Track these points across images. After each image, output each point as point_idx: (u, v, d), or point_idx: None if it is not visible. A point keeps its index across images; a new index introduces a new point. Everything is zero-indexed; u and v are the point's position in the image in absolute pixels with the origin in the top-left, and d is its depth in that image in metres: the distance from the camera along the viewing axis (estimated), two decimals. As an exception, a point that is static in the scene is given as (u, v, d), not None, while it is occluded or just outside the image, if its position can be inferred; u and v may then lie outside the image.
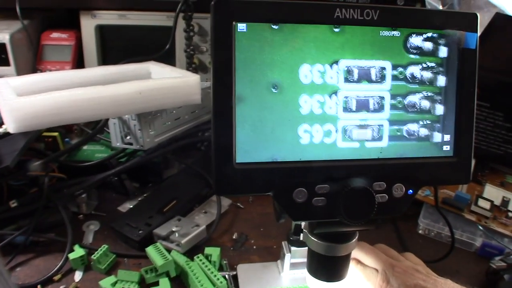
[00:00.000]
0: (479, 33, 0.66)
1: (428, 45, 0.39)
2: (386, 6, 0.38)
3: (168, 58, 0.90)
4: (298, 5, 0.36)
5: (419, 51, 0.39)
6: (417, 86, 0.40)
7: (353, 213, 0.38)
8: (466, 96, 0.41)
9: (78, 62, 0.94)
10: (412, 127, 0.40)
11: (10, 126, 0.56)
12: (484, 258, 0.63)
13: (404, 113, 0.40)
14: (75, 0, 0.89)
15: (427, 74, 0.40)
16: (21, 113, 0.56)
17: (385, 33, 0.38)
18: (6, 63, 0.84)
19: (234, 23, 0.35)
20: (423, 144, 0.41)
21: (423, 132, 0.41)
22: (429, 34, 0.39)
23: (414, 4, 0.89)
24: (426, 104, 0.40)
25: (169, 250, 0.58)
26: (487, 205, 0.68)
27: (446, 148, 0.41)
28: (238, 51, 0.36)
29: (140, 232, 0.61)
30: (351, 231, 0.42)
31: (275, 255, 0.60)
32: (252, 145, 0.37)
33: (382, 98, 0.39)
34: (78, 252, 0.57)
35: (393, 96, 0.39)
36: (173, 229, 0.61)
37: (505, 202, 0.69)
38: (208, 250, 0.59)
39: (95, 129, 0.71)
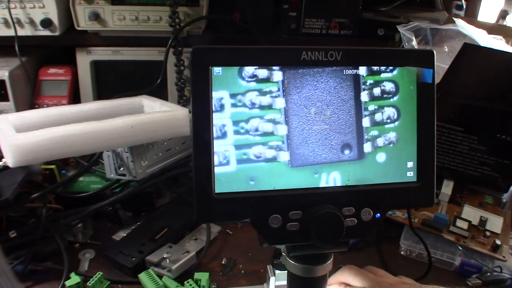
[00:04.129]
0: (450, 61, 0.71)
1: (388, 85, 0.43)
2: (349, 48, 0.42)
3: (160, 91, 0.94)
4: (269, 50, 0.41)
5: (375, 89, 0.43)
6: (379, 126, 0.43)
7: (323, 236, 0.41)
8: (426, 126, 0.44)
9: (74, 96, 0.98)
10: (381, 157, 0.44)
11: (9, 161, 0.60)
12: (463, 277, 0.66)
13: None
14: (72, 38, 0.93)
15: (390, 111, 0.44)
16: (20, 148, 0.60)
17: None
18: (5, 98, 0.89)
19: (210, 67, 0.39)
20: (389, 170, 0.44)
21: (390, 159, 0.44)
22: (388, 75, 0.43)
23: (393, 36, 0.94)
24: (392, 136, 0.44)
25: (160, 276, 0.61)
26: (464, 225, 0.71)
27: (410, 174, 0.45)
28: (215, 91, 0.40)
29: (133, 259, 0.64)
30: (324, 253, 0.45)
31: (262, 279, 0.63)
32: (229, 176, 0.41)
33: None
34: (74, 279, 0.60)
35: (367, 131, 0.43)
36: (164, 256, 0.64)
37: (482, 222, 0.72)
38: (197, 275, 0.61)
39: (90, 161, 0.75)
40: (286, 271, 0.55)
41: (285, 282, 0.57)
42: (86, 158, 0.82)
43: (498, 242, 0.68)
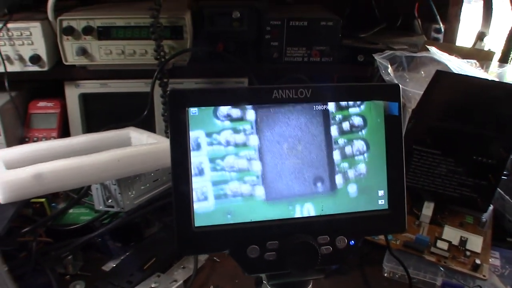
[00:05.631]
0: (424, 88, 0.74)
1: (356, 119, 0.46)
2: (317, 85, 0.45)
3: (148, 122, 0.97)
4: (242, 90, 0.43)
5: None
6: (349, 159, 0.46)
7: (299, 265, 0.43)
8: (395, 156, 0.47)
9: (63, 128, 1.00)
10: (352, 188, 0.46)
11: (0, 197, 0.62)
12: (444, 297, 0.68)
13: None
14: (60, 72, 0.96)
15: (359, 144, 0.46)
16: (10, 185, 0.61)
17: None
18: (-4, 133, 0.91)
19: (187, 108, 0.42)
20: (360, 200, 0.46)
21: (361, 190, 0.46)
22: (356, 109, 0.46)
23: (373, 62, 0.98)
24: (362, 168, 0.46)
25: (148, 306, 0.62)
26: (445, 245, 0.73)
27: (381, 202, 0.47)
28: (192, 131, 0.42)
29: (121, 290, 0.65)
30: (302, 280, 0.47)
31: (249, 305, 0.64)
32: (208, 211, 0.43)
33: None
34: (64, 312, 0.61)
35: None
36: (152, 286, 0.65)
37: (462, 242, 0.74)
38: (185, 304, 0.63)
39: (79, 194, 0.76)
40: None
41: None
42: (75, 191, 0.83)
43: (478, 261, 0.70)
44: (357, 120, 0.46)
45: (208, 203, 0.43)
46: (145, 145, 0.73)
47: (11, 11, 0.91)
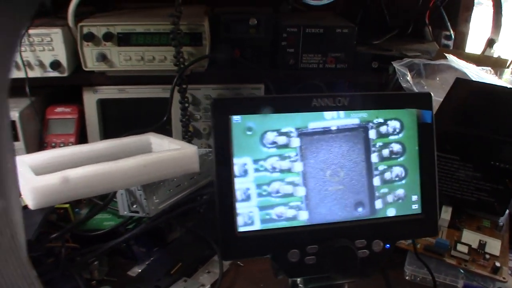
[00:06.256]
0: (442, 93, 0.75)
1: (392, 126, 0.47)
2: (354, 94, 0.46)
3: (164, 127, 0.98)
4: (283, 98, 0.45)
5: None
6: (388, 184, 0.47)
7: (338, 268, 0.45)
8: (427, 162, 0.48)
9: (81, 134, 1.01)
10: (391, 212, 0.48)
11: (30, 203, 0.63)
12: (466, 299, 0.69)
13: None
14: (79, 78, 0.97)
15: (396, 147, 0.47)
16: (40, 191, 0.62)
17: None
18: (16, 138, 0.92)
19: (230, 116, 0.43)
20: (395, 204, 0.48)
21: (398, 195, 0.48)
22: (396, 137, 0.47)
23: (387, 68, 0.99)
24: (401, 193, 0.48)
25: (178, 310, 0.63)
26: (465, 249, 0.74)
27: (415, 206, 0.48)
28: (234, 137, 0.43)
29: (150, 294, 0.66)
30: (340, 283, 0.49)
31: (276, 309, 0.66)
32: (251, 216, 0.44)
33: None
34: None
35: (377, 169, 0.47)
36: (181, 290, 0.66)
37: (481, 245, 0.75)
38: (214, 307, 0.64)
39: (105, 200, 0.77)
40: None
41: (298, 312, 0.60)
42: (98, 196, 0.84)
43: (498, 264, 0.72)
44: (396, 147, 0.48)
45: (254, 227, 0.44)
46: (169, 150, 0.74)
47: (31, 17, 0.92)
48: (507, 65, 0.94)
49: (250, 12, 0.97)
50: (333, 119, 0.46)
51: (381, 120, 0.47)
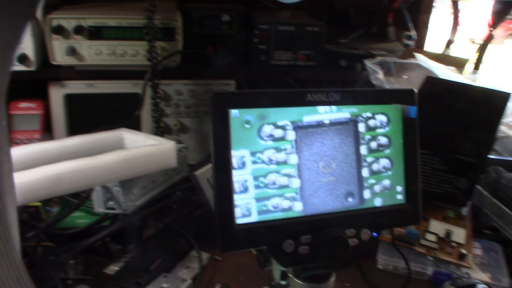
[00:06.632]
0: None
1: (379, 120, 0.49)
2: (346, 89, 0.48)
3: (133, 123, 0.96)
4: (279, 93, 0.46)
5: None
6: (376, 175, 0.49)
7: (332, 257, 0.46)
8: (411, 155, 0.51)
9: (46, 130, 0.98)
10: (378, 202, 0.50)
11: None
12: (435, 284, 0.73)
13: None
14: (46, 72, 0.94)
15: (383, 140, 0.50)
16: (21, 187, 0.60)
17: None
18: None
19: (228, 109, 0.44)
20: (382, 195, 0.50)
21: (384, 186, 0.50)
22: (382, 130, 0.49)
23: (355, 66, 1.02)
24: (387, 183, 0.50)
25: (161, 306, 0.63)
26: (433, 238, 0.78)
27: (400, 197, 0.51)
28: (233, 130, 0.44)
29: (131, 291, 0.66)
30: (330, 271, 0.50)
31: (257, 301, 0.67)
32: (249, 207, 0.45)
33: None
34: (75, 315, 0.60)
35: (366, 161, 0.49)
36: (164, 286, 0.66)
37: (448, 234, 0.79)
38: (198, 301, 0.64)
39: (82, 197, 0.75)
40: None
41: (283, 302, 0.61)
42: (71, 194, 0.82)
43: (463, 251, 0.76)
44: (383, 140, 0.50)
45: (252, 219, 0.45)
46: (148, 146, 0.74)
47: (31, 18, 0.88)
48: (465, 64, 0.99)
49: (222, 8, 0.98)
50: (326, 113, 0.47)
51: (369, 114, 0.49)
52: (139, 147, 0.74)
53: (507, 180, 0.87)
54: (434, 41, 1.30)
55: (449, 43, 1.19)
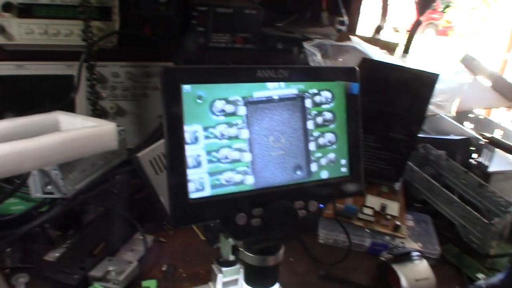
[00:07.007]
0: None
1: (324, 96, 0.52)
2: (294, 66, 0.49)
3: (67, 107, 0.92)
4: (230, 69, 0.46)
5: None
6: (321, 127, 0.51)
7: (282, 228, 0.48)
8: (354, 129, 0.53)
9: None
10: (324, 174, 0.52)
11: None
12: (373, 255, 0.78)
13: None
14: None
15: (328, 115, 0.52)
16: None
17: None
18: None
19: (180, 85, 0.43)
20: (328, 167, 0.52)
21: (330, 159, 0.52)
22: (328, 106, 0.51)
23: (291, 49, 1.05)
24: (331, 137, 0.52)
25: (107, 289, 0.62)
26: (370, 211, 0.83)
27: (344, 169, 0.53)
28: (185, 106, 0.44)
29: (75, 276, 0.64)
30: (277, 244, 0.52)
31: (204, 279, 0.67)
32: (202, 182, 0.45)
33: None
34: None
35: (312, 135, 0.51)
36: (110, 269, 0.65)
37: (383, 208, 0.84)
38: (145, 283, 0.64)
39: (19, 182, 0.71)
40: (232, 268, 0.61)
41: (231, 278, 0.63)
42: (4, 179, 0.77)
43: (397, 223, 0.81)
44: (328, 115, 0.52)
45: (205, 193, 0.45)
46: (87, 127, 0.71)
47: None
48: (396, 48, 1.05)
49: (160, -11, 0.96)
50: (275, 89, 0.49)
51: (315, 91, 0.51)
52: (79, 129, 0.71)
53: (434, 156, 0.94)
54: (364, 27, 1.35)
55: (379, 29, 1.25)
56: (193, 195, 0.45)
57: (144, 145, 0.84)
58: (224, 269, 0.61)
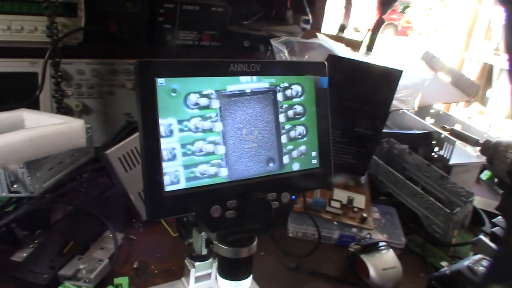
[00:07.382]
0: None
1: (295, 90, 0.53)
2: (265, 61, 0.50)
3: (31, 105, 0.90)
4: (204, 63, 0.47)
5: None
6: (292, 120, 0.53)
7: (256, 220, 0.49)
8: (323, 122, 0.55)
9: None
10: (296, 166, 0.53)
11: None
12: (341, 247, 0.80)
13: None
14: None
15: (299, 108, 0.53)
16: None
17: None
18: None
19: (155, 78, 0.44)
20: (299, 160, 0.54)
21: (301, 151, 0.54)
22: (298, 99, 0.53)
23: (258, 47, 1.06)
24: (301, 130, 0.53)
25: (78, 288, 0.61)
26: (337, 204, 0.85)
27: (314, 161, 0.55)
28: (160, 99, 0.44)
29: (45, 276, 0.62)
30: (251, 236, 0.53)
31: (176, 275, 0.67)
32: (177, 174, 0.45)
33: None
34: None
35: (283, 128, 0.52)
36: (80, 267, 0.64)
37: (350, 201, 0.87)
38: (117, 280, 0.63)
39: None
40: (205, 262, 0.62)
41: (204, 273, 0.63)
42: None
43: (364, 215, 0.84)
44: (299, 109, 0.53)
45: (180, 186, 0.46)
46: (55, 124, 0.70)
47: None
48: (360, 45, 1.08)
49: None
50: (248, 82, 0.49)
51: (286, 85, 0.52)
52: (46, 126, 0.70)
53: (398, 150, 0.97)
54: (328, 25, 1.38)
55: (343, 27, 1.28)
56: (168, 188, 0.45)
57: (111, 143, 0.83)
58: (197, 263, 0.62)
